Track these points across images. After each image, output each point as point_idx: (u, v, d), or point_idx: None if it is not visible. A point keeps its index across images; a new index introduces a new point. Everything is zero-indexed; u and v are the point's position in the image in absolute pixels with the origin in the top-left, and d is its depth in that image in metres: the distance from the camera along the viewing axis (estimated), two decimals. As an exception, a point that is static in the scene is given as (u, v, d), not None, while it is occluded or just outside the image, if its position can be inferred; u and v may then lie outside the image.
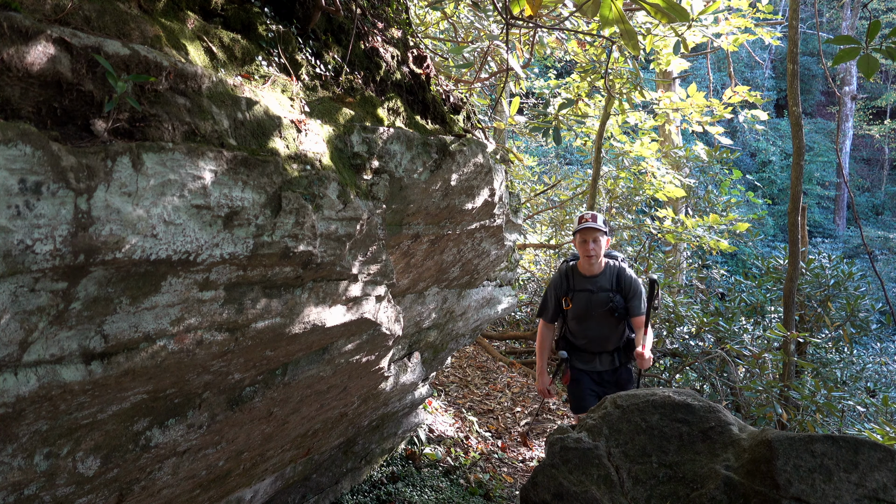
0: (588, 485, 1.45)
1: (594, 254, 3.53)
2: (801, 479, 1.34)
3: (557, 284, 3.77)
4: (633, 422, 1.57)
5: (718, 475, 1.41)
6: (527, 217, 8.39)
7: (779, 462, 1.37)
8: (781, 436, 1.42)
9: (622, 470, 1.48)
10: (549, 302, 3.79)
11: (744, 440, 1.49)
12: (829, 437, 1.39)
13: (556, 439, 1.57)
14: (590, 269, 3.64)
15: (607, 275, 3.66)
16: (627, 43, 2.09)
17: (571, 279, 3.73)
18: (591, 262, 3.58)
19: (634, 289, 3.62)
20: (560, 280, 3.76)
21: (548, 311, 3.79)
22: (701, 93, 5.89)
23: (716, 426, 1.53)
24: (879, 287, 6.02)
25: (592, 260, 3.56)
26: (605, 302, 3.59)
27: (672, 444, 1.51)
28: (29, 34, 0.99)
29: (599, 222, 3.54)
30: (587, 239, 3.55)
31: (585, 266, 3.64)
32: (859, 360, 6.34)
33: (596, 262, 3.59)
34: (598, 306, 3.61)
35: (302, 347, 1.78)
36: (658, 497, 1.43)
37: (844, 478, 1.33)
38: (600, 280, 3.65)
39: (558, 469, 1.50)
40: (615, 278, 3.67)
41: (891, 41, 1.91)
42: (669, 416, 1.58)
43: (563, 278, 3.75)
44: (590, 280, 3.66)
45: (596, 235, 3.54)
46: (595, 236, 3.54)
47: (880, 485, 1.32)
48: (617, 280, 3.66)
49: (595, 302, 3.62)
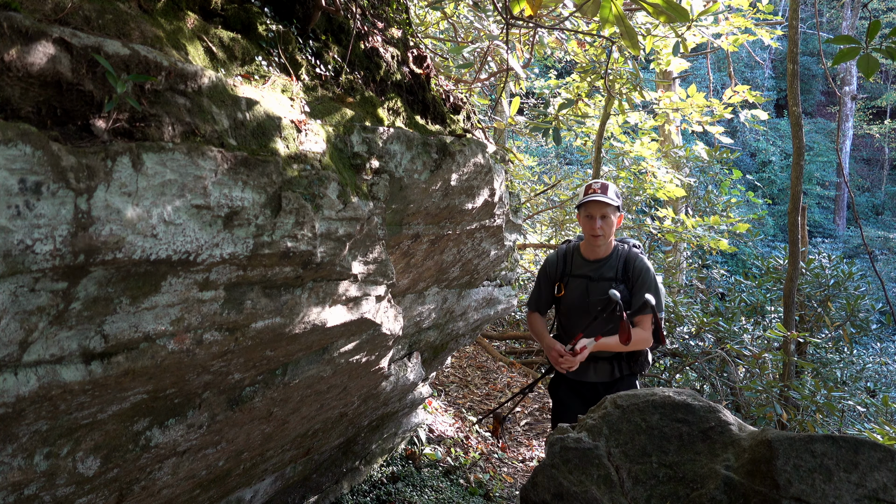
0: (588, 485, 1.45)
1: (602, 233, 2.87)
2: (801, 479, 1.34)
3: (552, 266, 3.11)
4: (633, 422, 1.57)
5: (718, 475, 1.41)
6: (527, 217, 8.39)
7: (779, 462, 1.37)
8: (781, 436, 1.42)
9: (622, 470, 1.48)
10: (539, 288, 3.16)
11: (744, 440, 1.49)
12: (829, 437, 1.39)
13: (556, 439, 1.57)
14: (594, 252, 2.99)
15: (613, 260, 2.98)
16: (627, 43, 2.10)
17: (570, 261, 3.08)
18: (596, 243, 2.94)
19: (644, 279, 2.91)
20: (556, 261, 3.11)
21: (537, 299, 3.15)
22: (701, 93, 5.89)
23: (716, 426, 1.53)
24: (879, 287, 6.02)
25: (599, 241, 2.91)
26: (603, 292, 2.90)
27: (672, 444, 1.51)
28: (29, 34, 0.99)
29: (611, 194, 2.88)
30: (594, 214, 2.89)
31: (589, 248, 3.00)
32: (859, 360, 6.34)
33: (603, 244, 2.94)
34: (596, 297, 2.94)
35: (302, 347, 1.78)
36: (658, 497, 1.43)
37: (844, 478, 1.33)
38: (603, 266, 2.99)
39: (558, 469, 1.50)
40: (622, 265, 2.98)
41: (891, 41, 1.91)
42: (669, 416, 1.58)
43: (559, 259, 3.11)
44: (591, 265, 3.01)
45: (605, 211, 2.88)
46: (605, 212, 2.88)
47: (880, 485, 1.32)
48: (624, 267, 2.97)
49: (592, 291, 2.97)
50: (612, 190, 2.92)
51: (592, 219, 2.90)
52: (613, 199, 2.88)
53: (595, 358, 2.99)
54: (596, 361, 3.02)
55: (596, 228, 2.88)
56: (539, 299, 3.16)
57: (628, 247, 3.08)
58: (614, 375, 3.04)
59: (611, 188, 2.92)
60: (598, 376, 3.04)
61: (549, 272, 3.13)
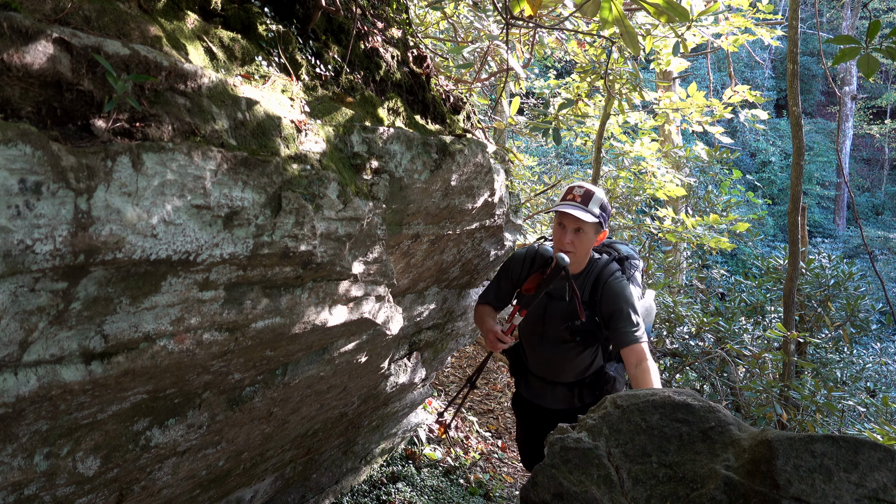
0: (588, 485, 1.45)
1: (572, 249, 2.38)
2: (801, 479, 1.34)
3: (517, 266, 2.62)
4: (633, 422, 1.57)
5: (718, 475, 1.41)
6: (527, 217, 8.39)
7: (779, 462, 1.36)
8: (781, 436, 1.42)
9: (622, 470, 1.48)
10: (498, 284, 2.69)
11: (744, 440, 1.49)
12: (829, 437, 1.39)
13: (556, 439, 1.57)
14: None
15: (583, 278, 2.49)
16: (627, 43, 2.10)
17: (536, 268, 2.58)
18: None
19: (617, 306, 2.36)
20: (523, 262, 2.61)
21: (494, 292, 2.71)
22: (701, 93, 5.89)
23: (716, 426, 1.53)
24: (879, 287, 6.02)
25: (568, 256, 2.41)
26: (561, 317, 2.47)
27: (672, 444, 1.51)
28: (29, 34, 0.99)
29: (593, 206, 2.36)
30: (566, 225, 2.39)
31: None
32: (859, 360, 6.34)
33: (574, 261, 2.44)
34: (553, 320, 2.50)
35: (302, 347, 1.78)
36: (658, 497, 1.43)
37: (844, 478, 1.33)
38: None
39: (558, 469, 1.50)
40: (590, 285, 2.46)
41: (891, 41, 1.91)
42: (669, 416, 1.58)
43: (526, 263, 2.61)
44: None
45: (581, 224, 2.36)
46: (579, 225, 2.36)
47: (880, 485, 1.32)
48: (592, 289, 2.45)
49: (551, 314, 2.51)
50: (597, 201, 2.38)
51: (563, 229, 2.40)
52: (592, 214, 2.33)
53: (552, 382, 2.62)
54: (553, 386, 2.64)
55: (565, 243, 2.38)
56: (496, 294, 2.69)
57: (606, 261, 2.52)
58: (572, 404, 2.61)
59: (595, 198, 2.38)
60: (556, 403, 2.65)
61: (513, 274, 2.64)
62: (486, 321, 2.66)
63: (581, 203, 2.38)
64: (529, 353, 2.70)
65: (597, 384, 2.60)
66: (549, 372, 2.63)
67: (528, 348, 2.71)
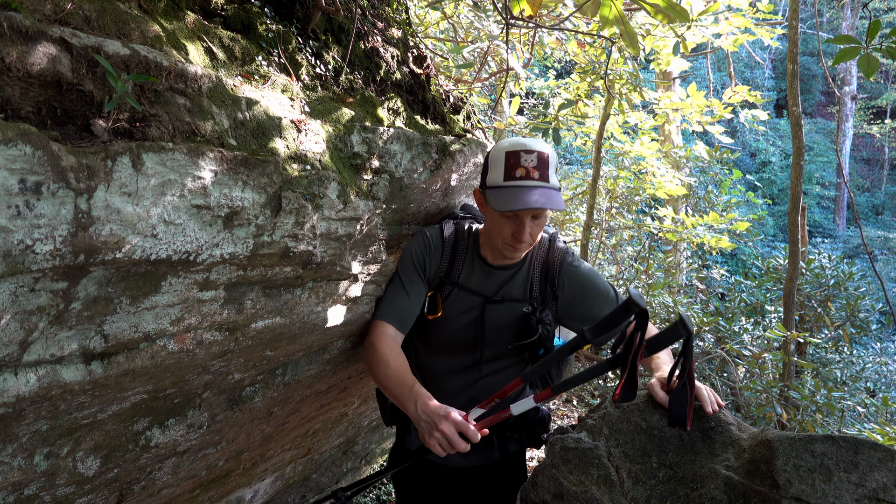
0: (588, 485, 1.45)
1: (529, 240, 1.68)
2: (801, 479, 1.34)
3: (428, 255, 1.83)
4: (633, 422, 1.57)
5: (718, 475, 1.41)
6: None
7: (779, 462, 1.36)
8: (781, 436, 1.42)
9: (622, 470, 1.48)
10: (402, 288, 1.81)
11: (744, 440, 1.49)
12: (829, 437, 1.39)
13: (556, 439, 1.57)
14: (500, 255, 1.77)
15: (524, 270, 1.82)
16: (627, 43, 2.10)
17: (460, 260, 1.82)
18: (513, 251, 1.73)
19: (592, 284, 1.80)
20: (435, 250, 1.83)
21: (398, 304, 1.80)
22: (701, 93, 5.89)
23: (715, 426, 1.53)
24: (879, 287, 6.01)
25: (517, 252, 1.74)
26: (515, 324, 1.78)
27: (672, 444, 1.51)
28: (29, 34, 0.99)
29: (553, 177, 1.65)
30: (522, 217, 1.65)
31: (495, 250, 1.77)
32: (859, 360, 6.33)
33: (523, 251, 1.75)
34: (497, 331, 1.80)
35: (302, 347, 1.78)
36: (658, 497, 1.43)
37: (844, 478, 1.33)
38: (513, 278, 1.81)
39: (558, 469, 1.50)
40: (539, 275, 1.80)
41: (891, 41, 1.91)
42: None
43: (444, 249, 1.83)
44: (493, 274, 1.81)
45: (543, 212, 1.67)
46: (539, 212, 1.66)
47: (880, 485, 1.32)
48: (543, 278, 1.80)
49: (492, 320, 1.79)
50: (553, 161, 1.66)
51: (520, 222, 1.66)
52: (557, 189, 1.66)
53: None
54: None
55: (524, 234, 1.65)
56: (402, 306, 1.79)
57: (545, 240, 1.87)
58: (493, 457, 1.87)
59: (551, 159, 1.65)
60: (469, 460, 1.82)
61: (427, 267, 1.83)
62: (410, 385, 1.62)
63: (541, 179, 1.62)
64: (438, 378, 1.88)
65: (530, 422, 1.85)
66: (469, 404, 1.73)
67: (436, 372, 1.89)
